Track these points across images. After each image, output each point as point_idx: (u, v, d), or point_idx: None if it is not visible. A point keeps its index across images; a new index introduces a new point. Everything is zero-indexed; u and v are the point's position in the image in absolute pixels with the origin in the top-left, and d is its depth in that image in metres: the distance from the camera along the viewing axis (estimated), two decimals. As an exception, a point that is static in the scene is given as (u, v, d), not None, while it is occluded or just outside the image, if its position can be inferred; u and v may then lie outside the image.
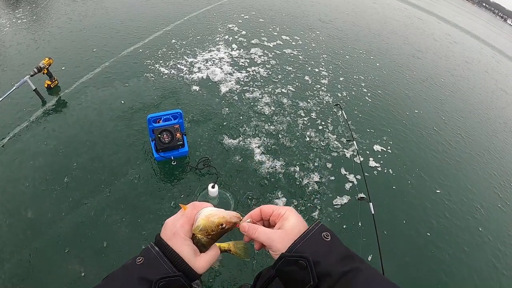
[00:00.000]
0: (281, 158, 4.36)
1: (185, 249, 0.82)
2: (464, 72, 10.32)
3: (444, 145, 5.76)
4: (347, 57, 7.98)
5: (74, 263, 2.89)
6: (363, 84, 6.80)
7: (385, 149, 5.04)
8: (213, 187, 3.39)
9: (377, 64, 8.07)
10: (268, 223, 0.94)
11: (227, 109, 5.05)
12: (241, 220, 0.91)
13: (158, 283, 0.74)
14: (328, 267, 0.74)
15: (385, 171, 4.66)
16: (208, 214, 0.86)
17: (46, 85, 4.87)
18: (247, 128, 4.75)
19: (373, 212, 3.14)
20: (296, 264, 0.76)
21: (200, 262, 0.84)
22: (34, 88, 4.54)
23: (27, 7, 7.88)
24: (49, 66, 4.72)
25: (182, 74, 5.75)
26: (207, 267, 0.85)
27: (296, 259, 0.77)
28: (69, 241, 3.07)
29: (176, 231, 0.83)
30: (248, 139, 4.56)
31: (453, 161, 5.41)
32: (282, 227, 0.86)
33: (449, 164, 5.30)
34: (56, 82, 5.01)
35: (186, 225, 0.85)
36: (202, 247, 0.86)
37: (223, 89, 5.52)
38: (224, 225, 0.86)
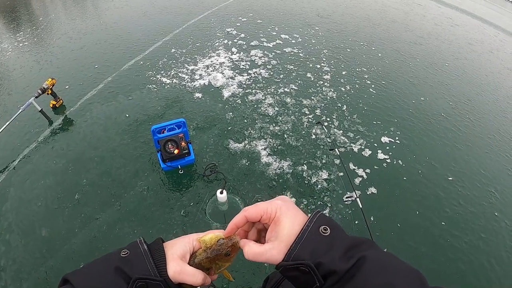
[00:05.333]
0: (288, 158, 4.35)
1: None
2: (468, 55, 10.14)
3: (453, 130, 5.65)
4: (348, 50, 7.92)
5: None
6: (366, 76, 6.74)
7: (393, 140, 4.98)
8: (221, 192, 3.38)
9: (379, 55, 7.98)
10: (262, 225, 0.85)
11: (231, 113, 5.06)
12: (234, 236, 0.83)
13: (137, 282, 0.71)
14: (332, 265, 0.69)
15: (395, 162, 4.60)
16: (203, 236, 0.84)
17: (51, 105, 4.96)
18: (252, 131, 4.74)
19: (361, 206, 3.13)
20: (298, 270, 0.71)
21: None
22: (39, 109, 4.62)
23: (28, 29, 8.01)
24: (52, 86, 4.80)
25: (184, 83, 5.78)
26: (179, 279, 0.77)
27: (296, 266, 0.71)
28: (84, 256, 3.11)
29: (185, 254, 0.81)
30: (254, 141, 4.56)
31: (464, 146, 5.31)
32: (276, 236, 0.76)
33: (460, 150, 5.20)
34: (61, 101, 5.09)
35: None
36: (204, 269, 0.82)
37: (226, 93, 5.53)
38: (221, 240, 0.81)
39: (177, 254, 0.79)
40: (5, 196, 3.72)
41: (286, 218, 0.77)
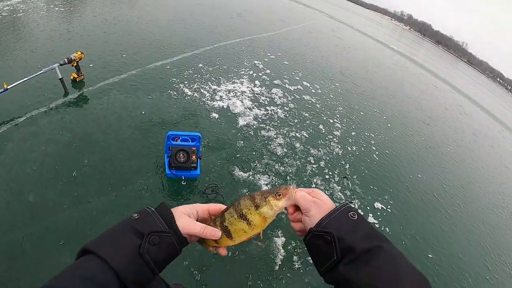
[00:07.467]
0: (286, 200, 4.38)
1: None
2: (470, 144, 10.55)
3: (442, 212, 5.84)
4: (362, 113, 8.21)
5: (66, 256, 2.80)
6: (372, 142, 6.96)
7: (385, 208, 5.10)
8: (217, 214, 3.40)
9: (389, 125, 8.27)
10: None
11: (242, 142, 5.13)
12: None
13: (150, 236, 0.82)
14: (352, 243, 0.81)
15: (382, 228, 4.68)
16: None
17: (72, 78, 5.01)
18: (258, 164, 4.80)
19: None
20: (323, 239, 0.85)
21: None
22: (60, 77, 4.64)
23: (67, -3, 8.14)
24: (79, 60, 4.89)
25: (204, 99, 5.89)
26: (189, 230, 0.91)
27: (322, 234, 0.85)
28: (66, 234, 3.01)
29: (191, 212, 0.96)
30: (258, 175, 4.61)
31: (449, 229, 5.47)
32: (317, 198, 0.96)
33: (444, 232, 5.35)
34: (82, 77, 5.15)
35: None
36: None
37: (241, 122, 5.64)
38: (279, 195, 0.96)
39: (184, 212, 0.94)
40: (0, 148, 3.65)
41: (323, 194, 0.99)
